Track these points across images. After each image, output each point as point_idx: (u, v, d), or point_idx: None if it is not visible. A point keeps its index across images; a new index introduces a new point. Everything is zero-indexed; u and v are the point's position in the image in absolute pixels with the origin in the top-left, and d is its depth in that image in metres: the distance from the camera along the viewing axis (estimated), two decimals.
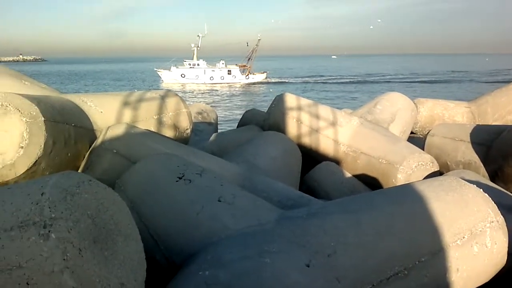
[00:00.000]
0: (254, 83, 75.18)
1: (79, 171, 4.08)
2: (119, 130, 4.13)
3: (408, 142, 5.97)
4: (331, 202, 3.38)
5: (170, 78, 77.96)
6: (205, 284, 2.18)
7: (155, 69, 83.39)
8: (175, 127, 5.08)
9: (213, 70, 77.30)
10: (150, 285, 2.17)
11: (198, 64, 77.93)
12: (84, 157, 4.20)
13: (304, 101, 6.53)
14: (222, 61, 78.99)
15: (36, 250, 1.59)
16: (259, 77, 78.92)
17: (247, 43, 79.53)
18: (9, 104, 3.52)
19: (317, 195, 5.07)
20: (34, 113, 3.54)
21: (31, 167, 3.51)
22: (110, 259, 1.81)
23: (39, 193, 1.74)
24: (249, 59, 78.32)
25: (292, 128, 6.20)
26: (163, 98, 5.18)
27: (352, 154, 5.89)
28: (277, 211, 3.10)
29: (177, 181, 3.13)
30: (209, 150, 5.96)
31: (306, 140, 6.15)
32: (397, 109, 6.96)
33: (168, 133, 4.97)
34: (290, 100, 6.48)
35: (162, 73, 79.74)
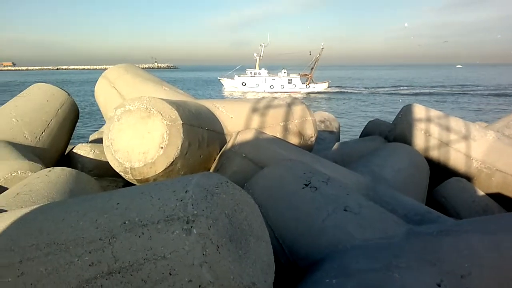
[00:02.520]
0: (314, 92, 73.16)
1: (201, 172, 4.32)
2: (248, 135, 4.30)
3: None
4: (465, 221, 3.19)
5: (231, 86, 78.78)
6: None
7: (218, 78, 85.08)
8: (300, 134, 5.15)
9: (273, 79, 76.54)
10: (275, 287, 2.23)
11: (259, 73, 77.78)
12: (214, 159, 4.44)
13: (434, 112, 6.23)
14: (284, 70, 78.08)
15: (179, 244, 1.72)
16: (321, 86, 77.06)
17: (310, 52, 78.45)
18: (153, 108, 3.84)
19: (445, 212, 4.80)
20: (174, 117, 3.82)
21: (168, 166, 3.80)
22: (244, 258, 1.89)
23: (183, 190, 1.88)
24: (311, 68, 76.69)
25: (419, 140, 5.95)
26: (289, 105, 5.28)
27: (486, 170, 5.50)
28: (405, 225, 3.00)
29: (303, 187, 3.17)
30: (331, 159, 5.94)
31: (435, 154, 5.86)
32: None
33: (293, 140, 5.06)
34: (419, 110, 6.23)
35: (225, 81, 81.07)
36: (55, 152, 5.34)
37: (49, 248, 1.86)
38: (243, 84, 76.96)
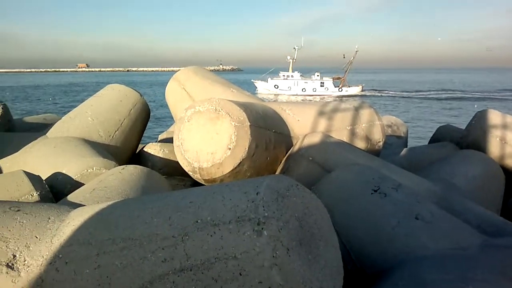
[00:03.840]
0: (347, 96, 70.72)
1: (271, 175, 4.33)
2: (315, 139, 4.27)
3: None
4: None
5: (264, 88, 78.20)
6: None
7: (252, 80, 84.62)
8: (368, 138, 5.05)
9: (306, 82, 75.84)
10: None
11: (292, 76, 77.32)
12: (280, 162, 4.44)
13: (510, 119, 5.90)
14: (317, 73, 77.51)
15: (250, 245, 1.73)
16: (354, 89, 75.19)
17: (344, 55, 77.74)
18: (222, 109, 3.91)
19: None
20: (242, 118, 3.86)
21: (235, 167, 3.84)
22: (313, 262, 1.87)
23: (254, 192, 1.89)
24: (345, 71, 75.38)
25: (494, 148, 5.66)
26: (357, 109, 5.19)
27: None
28: (480, 236, 2.87)
29: (372, 193, 3.10)
30: (399, 164, 5.77)
31: (511, 162, 5.54)
32: None
33: (360, 144, 4.96)
34: (494, 117, 5.92)
35: (258, 84, 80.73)
36: (127, 150, 5.55)
37: (124, 242, 1.93)
38: (276, 86, 77.03)
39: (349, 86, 75.37)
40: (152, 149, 5.79)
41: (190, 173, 4.03)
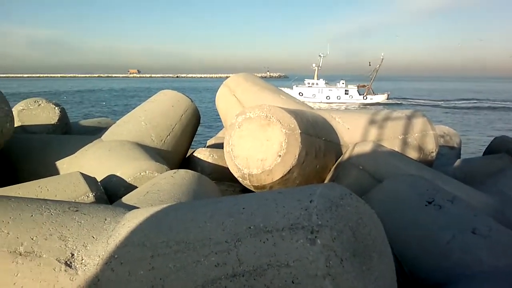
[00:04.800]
0: (371, 104, 68.36)
1: (325, 183, 4.29)
2: (366, 147, 4.20)
3: None
4: None
5: None
6: None
7: (278, 88, 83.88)
8: (420, 148, 4.92)
9: (330, 90, 74.56)
10: None
11: (317, 83, 76.24)
12: (330, 170, 4.40)
13: None
14: (342, 81, 76.27)
15: (303, 253, 1.72)
16: (379, 97, 73.10)
17: (369, 62, 76.45)
18: (272, 116, 3.92)
19: None
20: (293, 126, 3.86)
21: (285, 175, 3.84)
22: (367, 274, 1.84)
23: (308, 200, 1.88)
24: (371, 79, 73.77)
25: None
26: (409, 118, 5.08)
27: None
28: None
29: (426, 205, 3.02)
30: (452, 176, 5.59)
31: None
32: None
33: (412, 154, 4.85)
34: None
35: (283, 91, 79.67)
36: (178, 155, 5.66)
37: (178, 246, 1.96)
38: (300, 94, 76.19)
39: (374, 94, 74.15)
40: (202, 154, 5.87)
41: (240, 179, 4.06)
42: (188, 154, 6.24)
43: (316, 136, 4.17)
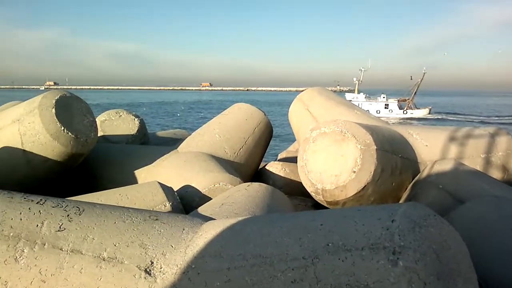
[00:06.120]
0: (411, 118, 64.01)
1: (400, 201, 4.15)
2: (446, 166, 4.03)
3: None
4: None
5: None
6: None
7: None
8: (505, 168, 4.65)
9: (370, 104, 71.71)
10: None
11: (356, 97, 73.90)
12: (406, 188, 4.26)
13: None
14: (383, 95, 74.40)
15: (384, 274, 1.66)
16: (420, 112, 70.44)
17: (411, 76, 74.02)
18: (347, 131, 3.86)
19: None
20: (368, 141, 3.78)
21: (359, 191, 3.76)
22: None
23: (389, 219, 1.82)
24: (414, 93, 71.20)
25: None
26: (492, 136, 4.82)
27: None
28: None
29: None
30: None
31: None
32: None
33: (496, 174, 4.58)
34: None
35: None
36: (250, 167, 5.71)
37: (255, 259, 1.96)
38: None
39: (414, 109, 71.48)
40: (274, 167, 5.89)
41: (313, 194, 4.03)
42: (260, 167, 6.28)
43: (393, 153, 4.06)
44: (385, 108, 73.76)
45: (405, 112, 72.13)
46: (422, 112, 72.02)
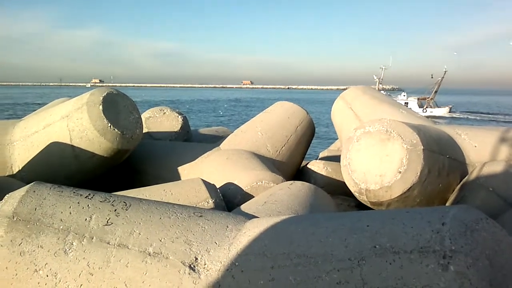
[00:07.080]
0: (431, 117, 60.91)
1: (447, 204, 4.04)
2: (496, 168, 3.88)
3: None
4: None
5: None
6: None
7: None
8: None
9: None
10: None
11: None
12: (453, 190, 4.13)
13: None
14: (403, 93, 73.13)
15: (434, 278, 1.61)
16: (440, 111, 67.61)
17: (432, 75, 71.32)
18: (393, 131, 3.77)
19: None
20: (415, 141, 3.69)
21: (405, 192, 3.67)
22: None
23: (439, 222, 1.77)
24: (435, 91, 68.70)
25: None
26: None
27: None
28: None
29: None
30: None
31: None
32: None
33: None
34: None
35: None
36: (292, 166, 5.69)
37: (299, 259, 1.94)
38: None
39: (434, 107, 69.08)
40: (316, 166, 5.84)
41: (356, 194, 3.96)
42: (301, 166, 6.24)
43: (440, 153, 3.94)
44: (405, 105, 72.24)
45: (424, 110, 70.01)
46: (442, 111, 70.03)
